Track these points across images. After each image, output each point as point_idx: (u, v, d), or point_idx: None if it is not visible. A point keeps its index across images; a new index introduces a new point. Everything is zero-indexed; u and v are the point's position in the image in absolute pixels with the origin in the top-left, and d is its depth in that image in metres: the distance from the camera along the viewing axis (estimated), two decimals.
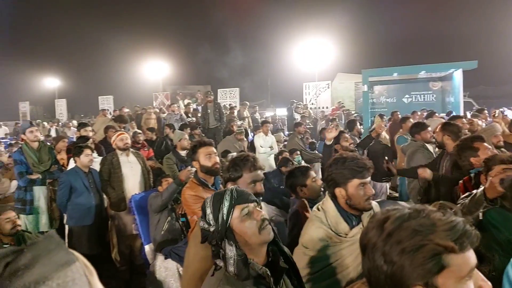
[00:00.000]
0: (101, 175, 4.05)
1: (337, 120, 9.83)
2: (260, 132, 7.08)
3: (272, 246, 1.43)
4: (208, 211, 1.40)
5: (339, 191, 1.82)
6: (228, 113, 10.03)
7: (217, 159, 2.74)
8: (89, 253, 3.84)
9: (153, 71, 20.72)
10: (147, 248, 3.77)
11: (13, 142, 10.53)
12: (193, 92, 25.59)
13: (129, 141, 4.18)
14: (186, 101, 15.48)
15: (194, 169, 3.78)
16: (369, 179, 1.83)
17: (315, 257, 1.78)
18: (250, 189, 2.05)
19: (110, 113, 14.41)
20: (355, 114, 12.38)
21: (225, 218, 1.35)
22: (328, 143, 3.87)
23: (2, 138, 13.89)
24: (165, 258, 3.53)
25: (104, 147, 5.60)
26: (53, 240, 0.48)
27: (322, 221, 1.81)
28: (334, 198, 1.86)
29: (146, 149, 6.19)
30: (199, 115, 12.02)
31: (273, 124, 10.82)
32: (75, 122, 14.80)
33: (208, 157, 2.65)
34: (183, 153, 4.67)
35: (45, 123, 16.06)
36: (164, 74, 20.63)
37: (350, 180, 1.79)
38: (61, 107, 19.70)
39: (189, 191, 2.58)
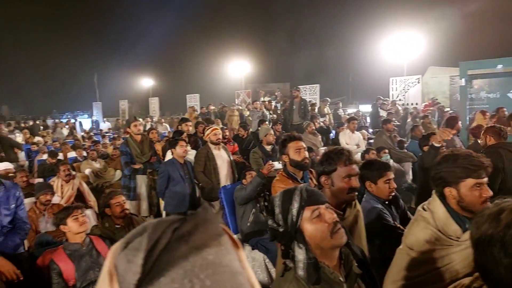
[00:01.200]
0: (196, 166, 4.33)
1: (429, 117, 9.09)
2: (345, 129, 6.88)
3: (344, 248, 1.36)
4: (277, 210, 1.35)
5: (449, 191, 1.67)
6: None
7: (307, 154, 2.74)
8: None
9: (235, 70, 21.50)
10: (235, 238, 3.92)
11: (115, 136, 11.85)
12: (272, 90, 25.98)
13: (221, 136, 4.41)
14: (266, 98, 15.75)
15: (275, 163, 3.85)
16: (486, 179, 1.65)
17: (420, 259, 1.67)
18: (345, 183, 2.00)
19: (197, 111, 15.40)
20: (450, 111, 11.30)
21: (294, 219, 1.29)
22: (437, 145, 3.57)
23: (106, 132, 15.72)
24: (252, 249, 3.65)
25: (195, 142, 6.01)
26: (209, 212, 0.51)
27: (429, 222, 1.69)
28: (442, 198, 1.72)
29: (231, 144, 6.48)
30: (279, 112, 12.15)
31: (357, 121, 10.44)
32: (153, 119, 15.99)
33: (298, 151, 2.66)
34: (268, 147, 4.76)
35: (141, 119, 17.76)
36: (246, 73, 21.26)
37: (462, 179, 1.63)
38: (154, 105, 21.54)
39: (279, 184, 2.62)
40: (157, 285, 0.44)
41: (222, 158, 4.43)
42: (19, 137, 11.66)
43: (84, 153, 8.29)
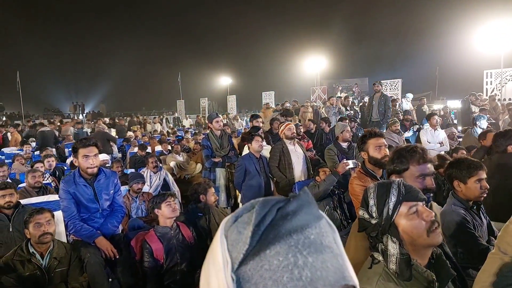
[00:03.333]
0: (271, 161, 4.43)
1: None
2: (426, 125, 6.40)
3: (436, 248, 1.31)
4: (371, 202, 1.35)
5: None
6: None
7: (387, 151, 2.62)
8: None
9: (310, 66, 21.24)
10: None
11: (197, 131, 12.60)
12: (349, 85, 25.15)
13: (295, 131, 4.44)
14: (342, 94, 15.33)
15: (349, 162, 3.75)
16: None
17: None
18: (418, 183, 1.89)
19: (272, 107, 15.60)
20: None
21: (390, 213, 1.28)
22: None
23: (188, 128, 16.80)
24: None
25: (270, 137, 6.12)
26: (309, 195, 0.55)
27: None
28: None
29: (305, 140, 6.46)
30: (356, 108, 11.73)
31: (443, 118, 9.60)
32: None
33: (378, 148, 2.57)
34: (344, 144, 4.65)
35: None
36: (321, 69, 20.88)
37: None
38: (231, 102, 22.36)
39: (357, 181, 2.56)
40: (263, 256, 0.48)
41: (297, 154, 4.46)
42: (113, 132, 13.10)
43: (169, 147, 9.00)
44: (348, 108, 9.81)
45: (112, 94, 33.69)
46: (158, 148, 9.23)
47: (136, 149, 8.48)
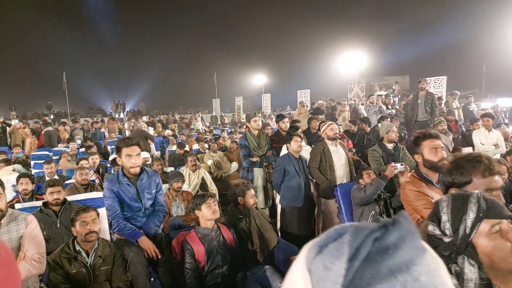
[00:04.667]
0: (311, 162, 4.29)
1: None
2: (480, 126, 5.97)
3: None
4: (444, 218, 1.19)
5: None
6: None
7: (445, 153, 2.42)
8: (298, 233, 4.16)
9: (347, 63, 20.69)
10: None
11: (233, 130, 12.65)
12: (389, 83, 24.27)
13: (338, 131, 4.27)
14: (380, 92, 14.80)
15: (397, 165, 3.54)
16: None
17: None
18: None
19: (307, 106, 15.38)
20: None
21: (468, 231, 1.12)
22: None
23: (224, 126, 16.93)
24: None
25: (307, 138, 5.96)
26: (410, 221, 0.44)
27: None
28: None
29: (345, 140, 6.24)
30: (397, 106, 11.25)
31: (494, 117, 8.96)
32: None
33: (434, 151, 2.37)
34: (390, 145, 4.42)
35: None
36: (359, 66, 20.25)
37: None
38: (266, 101, 22.31)
39: (410, 186, 2.38)
40: None
41: (339, 155, 4.29)
42: (151, 130, 13.44)
43: (206, 146, 9.08)
44: (389, 107, 9.42)
45: (151, 93, 34.75)
46: (195, 146, 9.33)
47: (174, 147, 8.62)
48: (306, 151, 4.61)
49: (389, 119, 7.40)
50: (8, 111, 23.83)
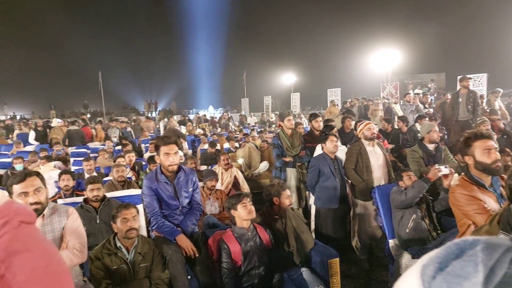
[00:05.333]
0: (347, 162, 4.18)
1: None
2: None
3: None
4: None
5: None
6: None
7: (498, 155, 2.26)
8: (333, 235, 4.07)
9: (380, 61, 20.12)
10: (391, 242, 3.63)
11: (262, 129, 12.62)
12: (423, 81, 23.40)
13: (376, 131, 4.13)
14: (416, 91, 14.29)
15: (441, 167, 3.36)
16: None
17: None
18: None
19: (337, 105, 15.10)
20: None
21: None
22: None
23: (253, 126, 16.95)
24: (413, 258, 3.30)
25: (341, 137, 5.83)
26: None
27: None
28: None
29: (380, 140, 6.04)
30: (434, 105, 10.80)
31: None
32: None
33: (487, 152, 2.22)
34: (431, 146, 4.22)
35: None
36: (393, 64, 19.65)
37: None
38: (295, 100, 22.13)
39: (460, 190, 2.25)
40: None
41: (377, 155, 4.15)
42: (183, 129, 13.68)
43: (237, 145, 9.11)
44: (426, 106, 9.05)
45: (182, 93, 35.52)
46: (226, 145, 9.39)
47: (206, 146, 8.71)
48: (341, 151, 4.49)
49: (427, 119, 7.10)
50: (48, 110, 25.07)
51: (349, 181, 4.34)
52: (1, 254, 0.51)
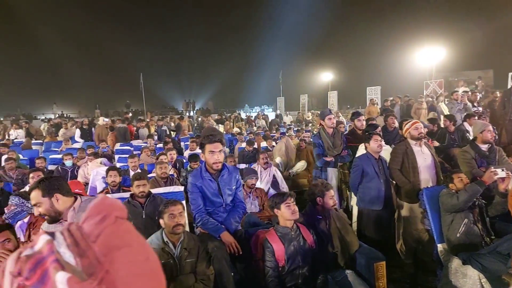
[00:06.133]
0: (392, 163, 4.04)
1: None
2: None
3: None
4: None
5: None
6: None
7: None
8: (376, 237, 3.94)
9: (423, 58, 19.29)
10: (440, 247, 3.46)
11: (299, 128, 12.52)
12: (469, 78, 22.13)
13: (423, 131, 3.96)
14: (462, 89, 13.55)
15: (498, 170, 3.15)
16: None
17: None
18: None
19: (377, 103, 14.64)
20: None
21: None
22: None
23: (289, 125, 16.86)
24: (463, 263, 3.13)
25: (383, 136, 5.64)
26: None
27: None
28: None
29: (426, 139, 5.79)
30: (482, 104, 10.19)
31: None
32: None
33: None
34: (484, 147, 3.97)
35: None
36: (437, 61, 18.78)
37: None
38: (332, 99, 21.74)
39: None
40: None
41: (424, 156, 3.97)
42: (221, 127, 13.88)
43: (274, 143, 9.09)
44: (475, 104, 8.55)
45: (219, 93, 36.13)
46: (263, 144, 9.40)
47: (243, 145, 8.77)
48: (385, 151, 4.35)
49: (476, 117, 6.72)
50: (93, 109, 26.42)
51: (394, 182, 4.19)
52: (103, 249, 0.52)
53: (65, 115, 25.03)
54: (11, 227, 2.51)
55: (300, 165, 7.60)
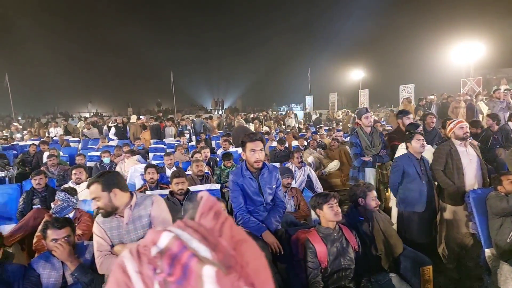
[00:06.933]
0: (435, 164, 3.89)
1: None
2: None
3: None
4: None
5: None
6: None
7: None
8: (417, 240, 3.81)
9: (460, 55, 18.48)
10: (488, 252, 3.30)
11: (330, 127, 12.33)
12: (510, 76, 21.02)
13: (468, 130, 3.79)
14: (504, 87, 12.89)
15: None
16: None
17: None
18: None
19: (412, 102, 14.17)
20: None
21: None
22: None
23: (318, 124, 16.66)
24: None
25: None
26: None
27: None
28: None
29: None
30: None
31: None
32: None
33: None
34: None
35: (349, 111, 18.01)
36: (474, 57, 17.94)
37: None
38: (363, 97, 21.28)
39: None
40: None
41: (469, 157, 3.79)
42: (252, 126, 13.92)
43: (305, 143, 9.00)
44: None
45: (247, 91, 36.33)
46: (295, 143, 9.34)
47: (274, 144, 8.75)
48: (426, 151, 4.19)
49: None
50: (126, 108, 27.25)
51: (436, 183, 4.04)
52: (231, 243, 0.52)
53: (99, 114, 25.96)
54: (72, 223, 2.61)
55: (333, 165, 7.49)
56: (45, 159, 7.40)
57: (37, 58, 31.60)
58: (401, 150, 4.37)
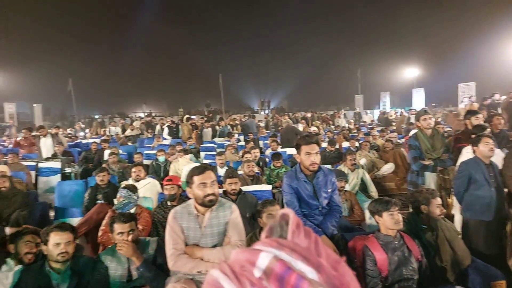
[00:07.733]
0: (506, 169, 3.58)
1: None
2: None
3: None
4: None
5: None
6: None
7: None
8: (484, 251, 3.52)
9: None
10: None
11: (384, 128, 11.84)
12: None
13: None
14: None
15: None
16: None
17: None
18: None
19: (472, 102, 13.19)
20: None
21: None
22: None
23: (370, 124, 16.08)
24: None
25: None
26: None
27: None
28: None
29: None
30: None
31: None
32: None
33: None
34: None
35: (402, 110, 17.19)
36: None
37: None
38: (418, 96, 20.22)
39: None
40: None
41: None
42: (300, 127, 13.78)
43: (357, 144, 8.71)
44: None
45: (294, 92, 36.21)
46: (345, 144, 9.08)
47: (323, 145, 8.58)
48: (495, 155, 3.87)
49: None
50: (177, 109, 28.36)
51: (506, 190, 3.71)
52: (330, 263, 0.50)
53: (152, 114, 27.24)
54: (135, 218, 2.74)
55: (387, 168, 7.19)
56: (106, 157, 7.86)
57: (97, 62, 34.02)
58: (466, 154, 4.08)
